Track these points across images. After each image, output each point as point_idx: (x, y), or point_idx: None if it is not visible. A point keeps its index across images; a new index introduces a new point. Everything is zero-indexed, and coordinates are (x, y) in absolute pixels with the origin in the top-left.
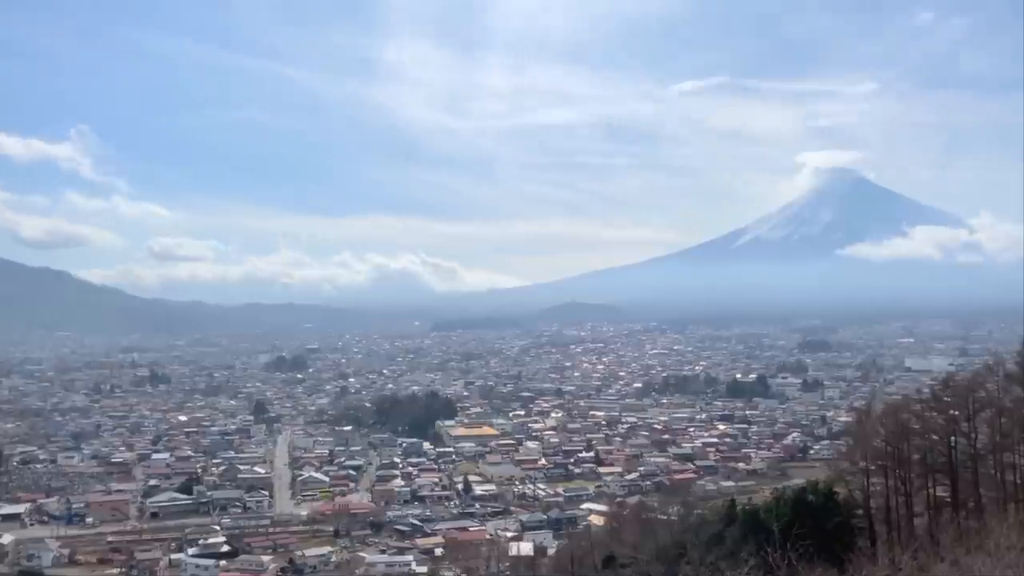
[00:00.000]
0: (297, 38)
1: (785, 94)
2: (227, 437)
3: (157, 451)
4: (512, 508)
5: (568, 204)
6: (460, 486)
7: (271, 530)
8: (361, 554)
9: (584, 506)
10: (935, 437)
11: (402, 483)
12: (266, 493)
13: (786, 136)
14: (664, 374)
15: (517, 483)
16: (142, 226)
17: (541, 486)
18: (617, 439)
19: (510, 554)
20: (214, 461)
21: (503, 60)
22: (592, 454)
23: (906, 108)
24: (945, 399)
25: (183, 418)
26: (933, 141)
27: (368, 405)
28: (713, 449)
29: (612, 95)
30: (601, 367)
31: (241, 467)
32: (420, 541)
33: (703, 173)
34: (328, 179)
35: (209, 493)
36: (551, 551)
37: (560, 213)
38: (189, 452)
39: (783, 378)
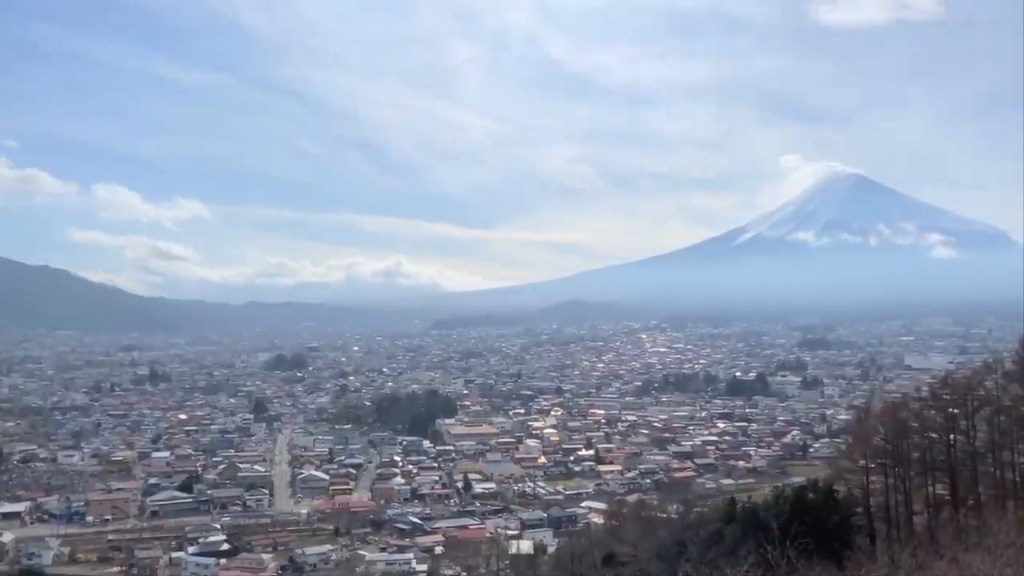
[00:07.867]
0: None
1: None
2: (227, 435)
3: (157, 449)
4: (512, 506)
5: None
6: (460, 484)
7: (271, 528)
8: (361, 552)
9: (584, 504)
10: (934, 435)
11: (402, 481)
12: (266, 491)
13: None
14: (664, 372)
15: (517, 481)
16: (142, 225)
17: (541, 484)
18: (617, 437)
19: (510, 552)
20: (214, 459)
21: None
22: (592, 452)
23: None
24: (944, 397)
25: (183, 416)
26: (932, 140)
27: (368, 403)
28: (713, 447)
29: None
30: (601, 365)
31: (241, 465)
32: (420, 539)
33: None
34: (328, 177)
35: (209, 491)
36: (551, 549)
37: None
38: (189, 450)
39: (783, 376)
